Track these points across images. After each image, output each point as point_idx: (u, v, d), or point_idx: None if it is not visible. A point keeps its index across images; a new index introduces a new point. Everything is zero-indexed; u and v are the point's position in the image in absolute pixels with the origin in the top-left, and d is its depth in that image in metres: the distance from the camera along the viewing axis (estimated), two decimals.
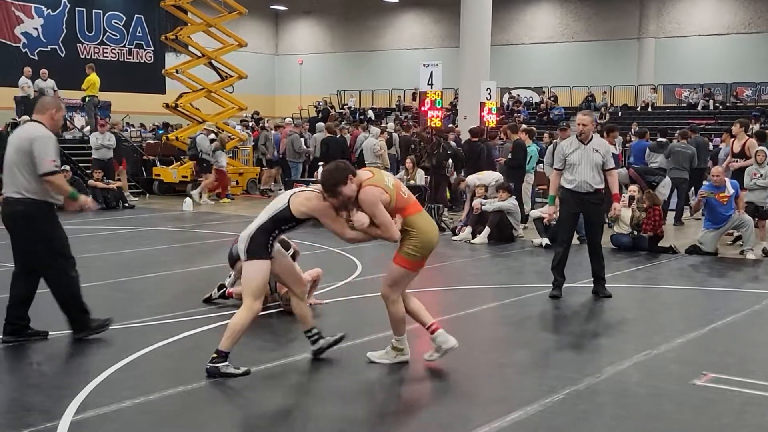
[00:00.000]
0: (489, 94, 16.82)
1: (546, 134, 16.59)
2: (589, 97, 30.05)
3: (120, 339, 5.29)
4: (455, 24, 24.91)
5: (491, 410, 4.04)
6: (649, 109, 29.13)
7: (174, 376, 4.55)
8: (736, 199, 9.41)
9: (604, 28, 31.65)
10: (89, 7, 20.99)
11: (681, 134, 13.12)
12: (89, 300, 5.37)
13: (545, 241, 9.73)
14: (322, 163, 11.54)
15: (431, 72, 12.64)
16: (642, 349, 5.20)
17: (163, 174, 16.70)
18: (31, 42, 19.93)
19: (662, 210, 10.38)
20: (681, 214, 12.45)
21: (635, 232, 9.60)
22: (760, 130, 12.08)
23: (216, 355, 4.49)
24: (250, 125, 21.10)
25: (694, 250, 9.38)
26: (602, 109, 28.68)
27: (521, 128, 12.39)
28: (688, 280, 7.99)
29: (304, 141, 16.70)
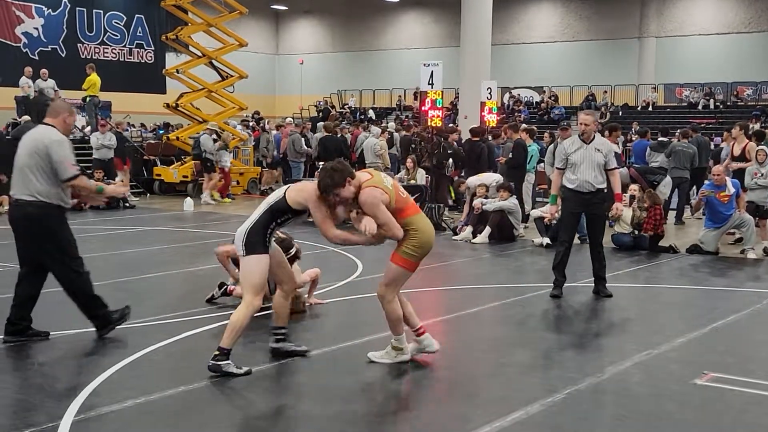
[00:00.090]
0: (489, 93, 16.82)
1: (546, 134, 16.57)
2: (590, 97, 30.05)
3: (121, 339, 5.29)
4: (456, 23, 24.90)
5: (492, 410, 4.04)
6: (650, 108, 29.12)
7: (175, 376, 4.55)
8: (737, 198, 9.41)
9: (604, 27, 31.64)
10: (90, 7, 21.00)
11: (682, 133, 13.11)
12: None
13: (546, 240, 9.73)
14: (322, 164, 11.53)
15: (432, 72, 12.64)
16: (643, 348, 5.20)
17: (163, 174, 16.70)
18: (32, 42, 19.94)
19: (663, 209, 10.38)
20: (682, 214, 12.45)
21: (636, 232, 9.60)
22: (759, 129, 12.07)
23: (218, 352, 4.49)
24: (251, 125, 21.10)
25: (695, 249, 9.38)
26: (603, 108, 28.67)
27: (521, 128, 12.39)
28: (688, 280, 7.99)
29: (305, 140, 16.69)
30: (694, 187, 12.71)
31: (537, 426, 3.88)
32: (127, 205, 14.19)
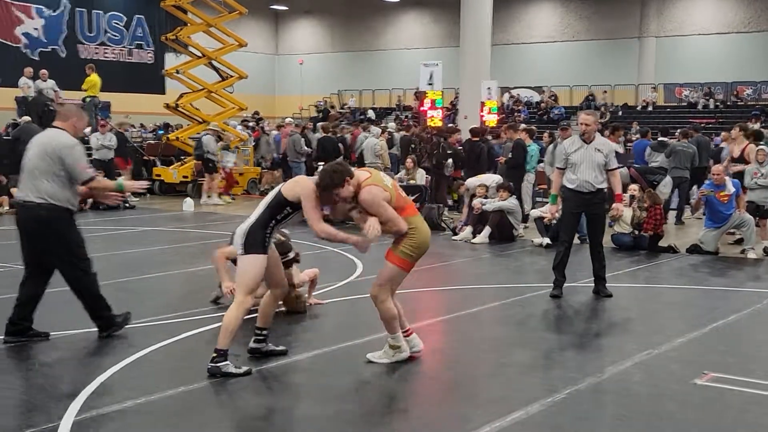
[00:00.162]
0: (489, 93, 16.82)
1: (546, 134, 16.57)
2: (590, 97, 30.05)
3: (122, 339, 5.30)
4: (455, 23, 24.88)
5: (492, 410, 4.04)
6: (650, 108, 29.12)
7: (175, 376, 4.55)
8: (737, 198, 9.41)
9: (604, 27, 31.64)
10: (89, 8, 21.01)
11: (682, 133, 13.12)
12: None
13: (546, 240, 9.73)
14: (322, 164, 11.56)
15: (431, 72, 12.65)
16: (643, 348, 5.20)
17: (163, 174, 16.70)
18: (32, 42, 19.95)
19: (663, 209, 10.37)
20: (682, 214, 12.45)
21: (636, 232, 9.60)
22: (756, 129, 12.01)
23: (216, 354, 4.50)
24: (251, 125, 21.10)
25: (695, 249, 9.38)
26: (602, 108, 28.66)
27: (520, 127, 12.39)
28: (689, 280, 7.99)
29: (306, 140, 16.68)
30: (694, 186, 12.71)
31: (537, 426, 3.88)
32: (127, 205, 14.18)
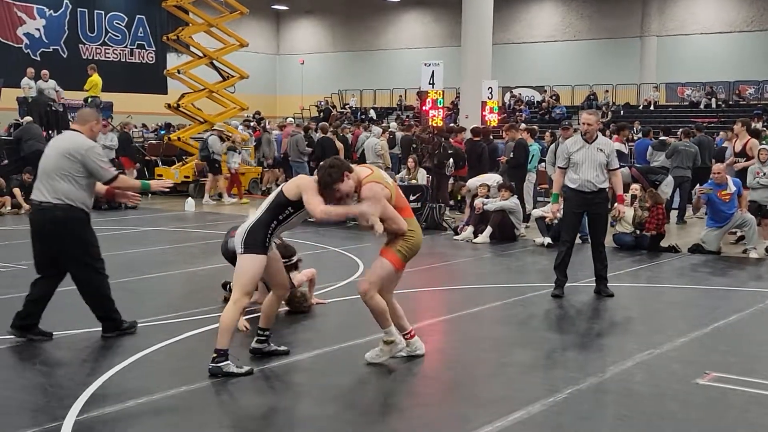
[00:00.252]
0: (491, 93, 16.81)
1: (548, 133, 16.56)
2: (591, 96, 30.02)
3: (123, 339, 5.30)
4: (457, 23, 24.87)
5: (493, 410, 4.04)
6: (652, 107, 29.09)
7: (177, 376, 4.55)
8: (738, 197, 9.40)
9: (606, 26, 31.61)
10: (91, 8, 21.03)
11: (684, 133, 13.11)
12: None
13: (547, 240, 9.73)
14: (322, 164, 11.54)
15: (432, 71, 12.64)
16: (645, 348, 5.19)
17: (165, 174, 16.69)
18: (34, 43, 19.96)
19: (665, 209, 10.36)
20: (684, 213, 12.43)
21: (638, 231, 9.59)
22: (755, 129, 11.94)
23: (216, 355, 4.51)
24: (252, 125, 21.11)
25: (696, 249, 9.37)
26: (604, 107, 28.64)
27: (520, 127, 12.39)
28: (690, 280, 7.98)
29: (310, 140, 16.66)
30: (697, 185, 12.68)
31: (538, 426, 3.88)
32: (129, 205, 14.17)
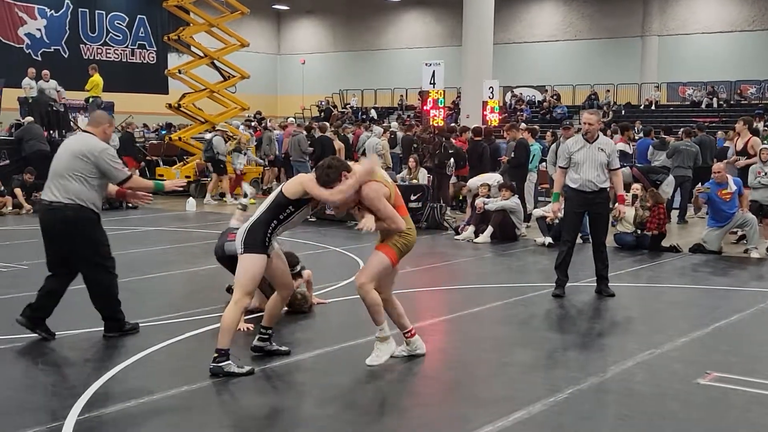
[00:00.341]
0: (492, 92, 16.83)
1: (548, 133, 16.57)
2: (592, 96, 30.00)
3: (125, 339, 5.31)
4: (458, 23, 24.88)
5: (494, 410, 4.04)
6: (653, 107, 29.06)
7: (178, 376, 4.56)
8: (739, 197, 9.39)
9: (607, 25, 31.59)
10: (92, 8, 21.03)
11: (685, 132, 13.09)
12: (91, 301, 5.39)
13: (548, 240, 9.73)
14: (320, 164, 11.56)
15: (433, 71, 12.65)
16: (646, 348, 5.19)
17: (166, 174, 16.70)
18: (35, 43, 19.96)
19: (666, 209, 10.35)
20: (685, 213, 12.43)
21: (639, 231, 9.58)
22: (755, 128, 11.88)
23: (217, 354, 4.51)
24: (253, 125, 21.12)
25: (698, 248, 9.36)
26: (605, 107, 28.62)
27: (521, 127, 12.39)
28: (691, 279, 7.97)
29: (312, 140, 16.64)
30: (699, 185, 12.66)
31: (539, 426, 3.88)
32: (130, 205, 14.20)
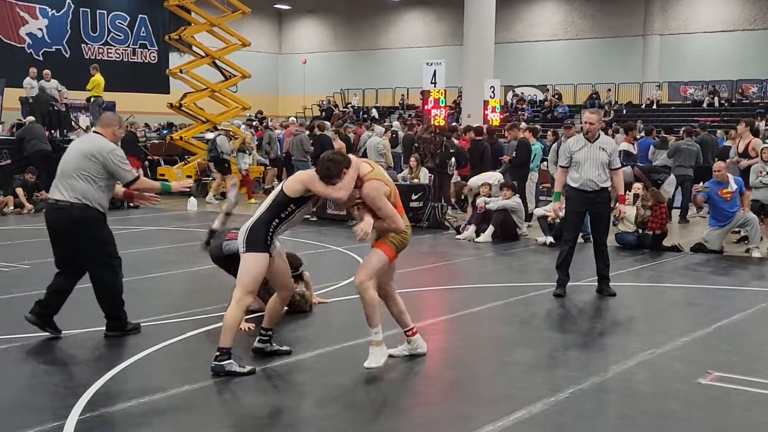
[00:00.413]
0: (493, 92, 16.82)
1: (550, 132, 16.56)
2: (594, 95, 29.97)
3: (126, 338, 5.32)
4: (459, 22, 24.87)
5: (495, 409, 4.04)
6: (654, 106, 29.03)
7: (179, 376, 4.56)
8: (741, 196, 9.38)
9: (608, 25, 31.55)
10: (93, 8, 21.05)
11: (686, 131, 13.08)
12: (93, 301, 5.40)
13: (549, 239, 9.72)
14: (322, 156, 11.56)
15: (434, 70, 12.64)
16: (647, 347, 5.19)
17: (167, 174, 16.73)
18: (36, 43, 19.99)
19: (667, 208, 10.34)
20: (686, 212, 12.41)
21: (640, 231, 9.58)
22: (752, 121, 11.78)
23: (219, 353, 4.52)
24: (254, 124, 21.13)
25: (699, 248, 9.35)
26: (607, 106, 28.59)
27: (521, 126, 12.38)
28: (693, 279, 7.97)
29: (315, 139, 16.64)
30: (701, 184, 12.64)
31: (540, 425, 3.88)
32: (131, 204, 14.21)
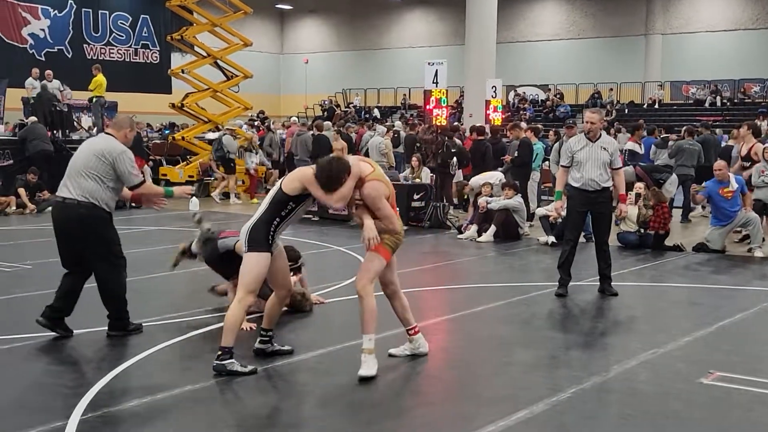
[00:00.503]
0: (494, 91, 16.83)
1: (551, 132, 16.56)
2: (596, 94, 29.94)
3: (127, 338, 5.33)
4: (461, 21, 24.85)
5: (497, 409, 4.04)
6: (656, 106, 29.00)
7: (181, 376, 4.57)
8: (743, 195, 9.37)
9: (610, 24, 31.53)
10: (95, 8, 21.06)
11: (687, 131, 13.07)
12: (95, 300, 5.41)
13: (551, 239, 9.72)
14: (321, 165, 11.57)
15: (436, 70, 12.65)
16: (649, 347, 5.19)
17: (169, 174, 16.75)
18: (38, 43, 20.01)
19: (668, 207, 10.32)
20: (688, 212, 12.40)
21: (642, 230, 9.57)
22: (755, 124, 11.77)
23: (220, 353, 4.53)
24: (256, 124, 21.14)
25: (701, 247, 9.34)
26: (609, 106, 28.56)
27: (521, 126, 12.38)
28: (694, 278, 7.96)
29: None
30: (702, 184, 12.62)
31: (541, 425, 3.88)
32: (133, 204, 14.21)
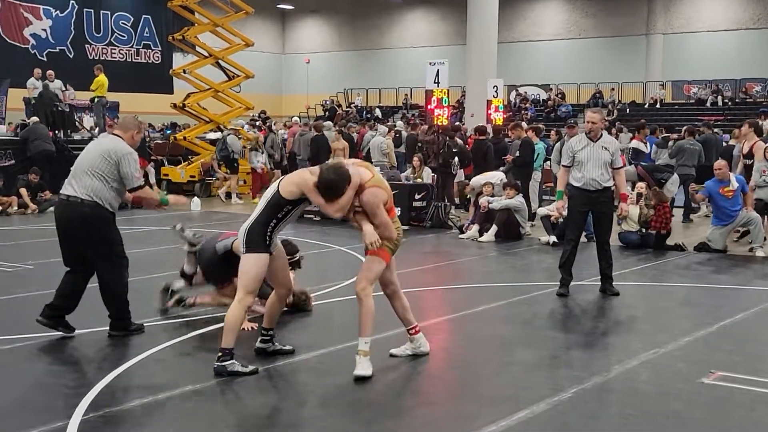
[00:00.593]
0: (496, 91, 16.79)
1: (553, 131, 16.55)
2: (597, 94, 29.94)
3: (129, 339, 5.33)
4: (462, 21, 24.84)
5: (498, 409, 4.04)
6: (658, 105, 28.99)
7: (182, 376, 4.57)
8: (744, 195, 9.36)
9: (611, 24, 31.51)
10: (97, 8, 21.09)
11: (688, 131, 13.06)
12: (97, 300, 5.42)
13: (552, 238, 9.72)
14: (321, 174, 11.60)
15: (438, 70, 12.63)
16: (650, 347, 5.19)
17: (171, 174, 16.76)
18: (40, 43, 20.03)
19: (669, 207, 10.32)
20: (689, 212, 12.39)
21: (643, 230, 9.56)
22: (756, 122, 11.74)
23: (221, 354, 4.53)
24: (257, 124, 21.15)
25: (702, 247, 9.34)
26: (610, 105, 28.55)
27: (523, 126, 12.38)
28: (696, 278, 7.95)
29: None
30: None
31: (543, 425, 3.88)
32: (134, 205, 14.23)
